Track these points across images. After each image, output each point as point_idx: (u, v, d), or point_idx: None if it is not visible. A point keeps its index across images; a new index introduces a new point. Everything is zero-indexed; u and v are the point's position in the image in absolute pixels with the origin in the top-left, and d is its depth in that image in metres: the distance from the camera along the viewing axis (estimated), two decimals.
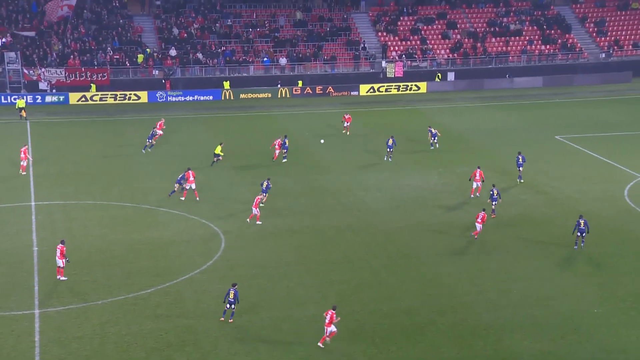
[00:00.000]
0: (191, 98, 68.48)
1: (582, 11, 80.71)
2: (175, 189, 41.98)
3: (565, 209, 40.59)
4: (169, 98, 68.08)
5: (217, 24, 75.49)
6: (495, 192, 39.43)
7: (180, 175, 42.15)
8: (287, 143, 49.56)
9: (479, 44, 75.43)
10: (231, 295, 28.79)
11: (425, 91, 71.23)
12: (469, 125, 57.17)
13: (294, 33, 75.79)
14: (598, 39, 77.60)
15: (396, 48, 75.05)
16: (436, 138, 51.91)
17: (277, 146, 49.34)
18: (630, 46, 76.84)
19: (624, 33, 78.14)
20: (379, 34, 76.71)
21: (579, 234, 35.32)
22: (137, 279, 32.58)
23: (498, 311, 30.06)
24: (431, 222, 39.26)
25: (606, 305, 30.36)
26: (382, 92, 70.76)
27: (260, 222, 38.69)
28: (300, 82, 70.72)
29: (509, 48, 75.61)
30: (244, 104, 67.29)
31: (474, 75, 73.25)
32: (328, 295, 31.29)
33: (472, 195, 42.27)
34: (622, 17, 79.85)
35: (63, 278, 32.33)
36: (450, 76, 72.88)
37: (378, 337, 28.28)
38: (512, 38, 76.48)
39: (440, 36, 76.69)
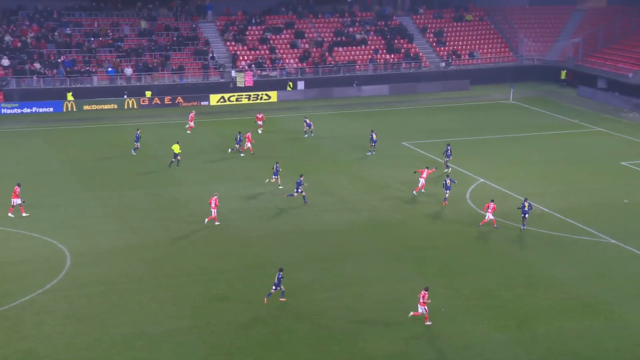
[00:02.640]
0: (29, 110, 64.76)
1: (422, 22, 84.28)
2: (295, 194, 42.62)
3: (414, 213, 41.93)
4: (2, 110, 64.02)
5: (55, 33, 72.02)
6: (448, 181, 42.59)
7: (299, 180, 42.65)
8: (239, 139, 52.40)
9: (326, 53, 76.82)
10: (276, 279, 30.73)
11: (276, 100, 71.54)
12: (320, 134, 57.93)
13: (139, 42, 73.77)
14: (438, 48, 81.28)
15: (245, 57, 74.92)
16: (311, 127, 57.29)
17: (247, 139, 52.26)
18: (467, 56, 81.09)
19: (460, 43, 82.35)
20: (228, 43, 76.30)
21: (523, 215, 38.76)
22: None
23: (353, 315, 30.47)
24: (286, 230, 39.29)
25: (452, 304, 31.53)
26: (233, 101, 70.31)
27: (219, 223, 39.23)
28: (148, 93, 68.89)
29: (355, 57, 77.56)
30: (88, 116, 64.56)
31: (323, 84, 74.45)
32: (183, 309, 30.46)
33: (415, 192, 44.23)
34: (458, 29, 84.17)
35: None
36: (300, 85, 73.66)
37: (235, 348, 27.83)
38: (359, 47, 78.55)
39: (289, 46, 77.38)
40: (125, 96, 67.88)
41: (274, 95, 71.77)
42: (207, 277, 33.65)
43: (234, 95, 70.55)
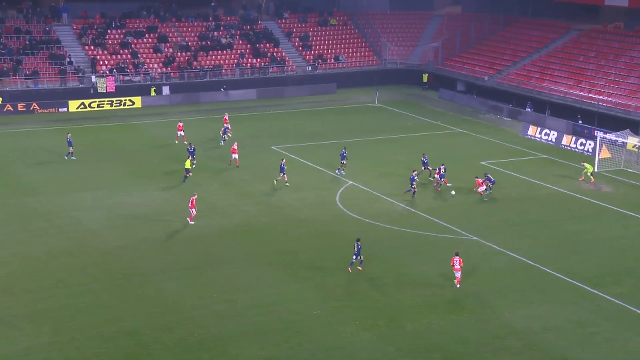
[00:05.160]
0: None
1: (288, 26, 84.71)
2: (415, 190, 44.73)
3: (284, 217, 41.82)
4: None
5: None
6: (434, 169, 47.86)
7: (412, 176, 44.59)
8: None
9: (192, 58, 75.57)
10: (355, 249, 34.06)
11: (140, 106, 69.49)
12: (188, 139, 56.73)
13: None
14: (304, 52, 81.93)
15: (106, 62, 72.36)
16: (227, 132, 56.23)
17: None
18: (333, 59, 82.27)
19: (326, 47, 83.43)
20: (86, 47, 73.43)
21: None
22: None
23: (224, 322, 29.95)
24: (154, 238, 38.15)
25: (324, 306, 31.62)
26: (94, 107, 67.69)
27: (193, 223, 39.45)
28: None
29: (222, 61, 76.78)
30: None
31: (190, 88, 73.17)
32: (42, 325, 28.82)
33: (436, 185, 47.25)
34: (323, 33, 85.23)
35: None
36: (166, 90, 72.02)
37: None
38: (225, 52, 77.83)
39: (152, 50, 75.51)
40: None
41: (138, 100, 69.70)
42: (70, 290, 32.06)
43: (95, 101, 67.93)
